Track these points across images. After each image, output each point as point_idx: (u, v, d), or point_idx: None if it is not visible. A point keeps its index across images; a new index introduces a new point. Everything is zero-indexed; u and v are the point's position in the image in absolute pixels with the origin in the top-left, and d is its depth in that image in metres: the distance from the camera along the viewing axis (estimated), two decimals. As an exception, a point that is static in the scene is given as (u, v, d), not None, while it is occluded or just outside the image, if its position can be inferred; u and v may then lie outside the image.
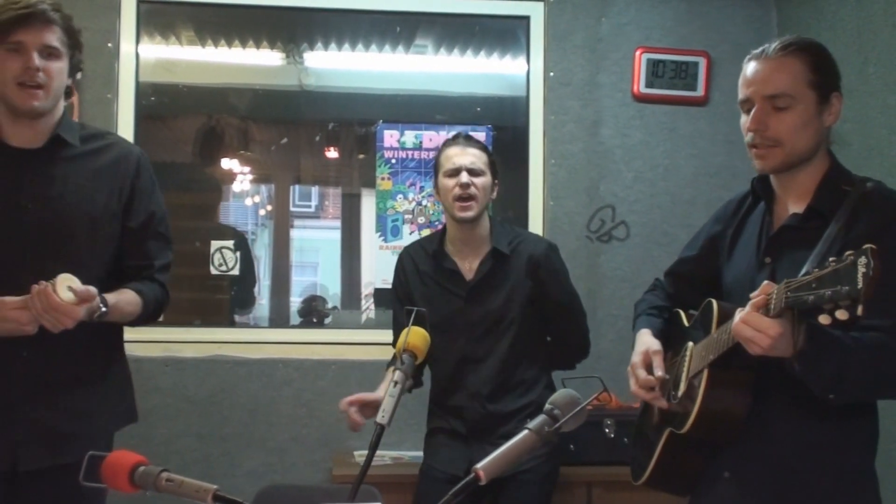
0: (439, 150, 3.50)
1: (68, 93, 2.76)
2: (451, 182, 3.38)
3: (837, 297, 1.74)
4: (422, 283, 3.50)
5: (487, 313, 3.40)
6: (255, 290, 5.50)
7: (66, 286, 2.42)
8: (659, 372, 2.41)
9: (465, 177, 3.34)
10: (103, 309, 2.56)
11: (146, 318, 2.83)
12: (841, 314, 1.75)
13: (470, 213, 3.35)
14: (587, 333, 3.55)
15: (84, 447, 1.93)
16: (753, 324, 1.98)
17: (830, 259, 1.79)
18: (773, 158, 2.25)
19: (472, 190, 3.34)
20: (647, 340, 2.52)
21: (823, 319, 1.79)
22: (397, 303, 3.57)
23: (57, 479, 2.60)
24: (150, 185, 2.86)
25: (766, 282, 2.02)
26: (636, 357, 2.48)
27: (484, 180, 3.38)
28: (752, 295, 2.02)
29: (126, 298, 2.70)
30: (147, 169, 2.86)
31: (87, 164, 2.73)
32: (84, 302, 2.45)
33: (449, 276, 3.45)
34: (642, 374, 2.44)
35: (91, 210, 2.70)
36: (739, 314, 2.03)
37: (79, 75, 2.79)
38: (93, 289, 2.48)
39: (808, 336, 1.95)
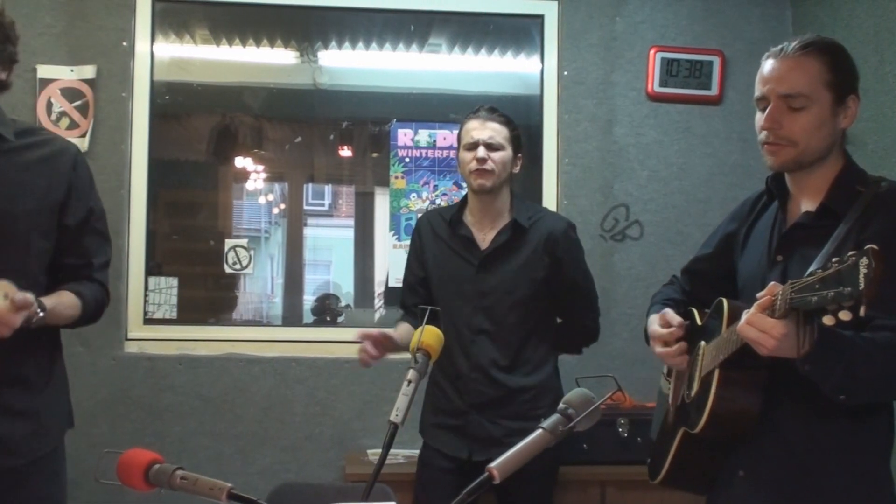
0: (461, 123, 3.51)
1: (3, 86, 2.60)
2: (468, 156, 3.39)
3: (840, 298, 1.73)
4: (436, 245, 3.51)
5: (498, 284, 3.39)
6: (269, 288, 5.51)
7: (3, 294, 2.30)
8: (675, 320, 2.47)
9: (481, 151, 3.35)
10: (41, 314, 2.45)
11: (86, 320, 2.72)
12: (844, 315, 1.74)
13: (484, 182, 3.36)
14: (598, 317, 3.57)
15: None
16: (758, 325, 1.98)
17: (833, 259, 1.79)
18: (784, 155, 2.25)
19: (489, 165, 3.34)
20: (660, 313, 2.55)
21: (827, 321, 1.78)
22: (412, 262, 3.61)
23: (4, 483, 2.52)
24: (87, 181, 2.74)
25: (772, 282, 2.02)
26: (655, 327, 2.52)
27: (502, 155, 3.37)
28: (758, 295, 2.02)
29: (65, 301, 2.61)
30: (84, 165, 2.74)
31: (21, 159, 2.61)
32: (21, 310, 2.33)
33: (463, 243, 3.46)
34: (661, 330, 2.48)
35: (26, 206, 2.58)
36: (745, 315, 2.03)
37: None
38: (30, 295, 2.36)
39: (817, 336, 1.95)
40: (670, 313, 2.51)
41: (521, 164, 3.49)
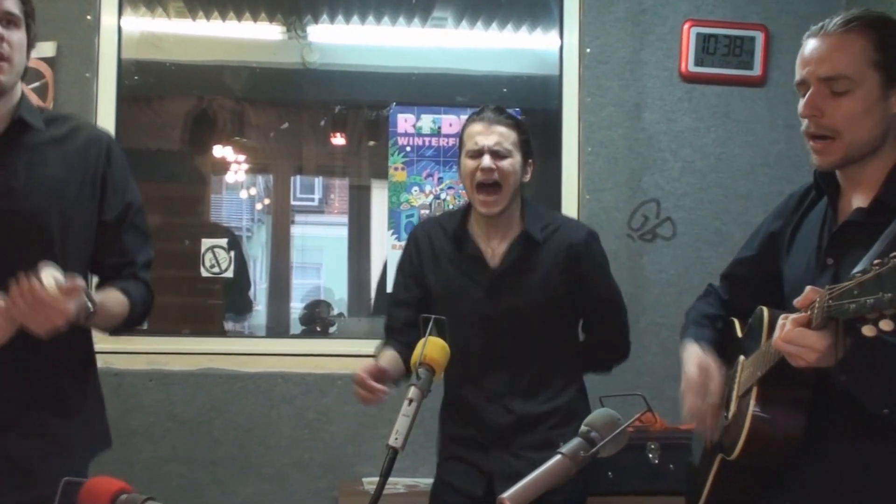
0: (464, 126, 3.44)
1: (26, 72, 2.69)
2: (472, 164, 3.31)
3: (881, 306, 1.72)
4: (437, 265, 3.44)
5: (512, 308, 3.34)
6: (251, 293, 5.52)
7: (51, 278, 2.32)
8: (712, 397, 2.42)
9: (487, 160, 3.27)
10: (91, 308, 2.49)
11: (133, 321, 2.78)
12: (885, 324, 1.72)
13: (494, 209, 3.29)
14: (628, 332, 3.54)
15: (59, 478, 1.90)
16: (797, 341, 1.98)
17: (874, 262, 1.77)
18: (831, 153, 2.24)
19: (496, 175, 3.28)
20: (697, 354, 2.52)
21: (867, 331, 1.76)
22: (405, 278, 3.51)
23: None
24: (124, 173, 2.79)
25: (808, 287, 2.02)
26: (692, 370, 2.49)
27: (511, 163, 3.30)
28: (796, 302, 2.02)
29: (113, 298, 2.66)
30: (119, 155, 2.80)
31: (54, 152, 2.67)
32: (71, 295, 2.35)
33: (470, 262, 3.40)
34: (693, 399, 2.46)
35: (62, 203, 2.64)
36: (780, 328, 2.03)
37: (32, 52, 2.72)
38: (80, 280, 2.40)
39: (851, 343, 1.94)
40: (713, 383, 2.46)
41: (532, 170, 3.44)
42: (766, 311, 2.35)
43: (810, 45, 2.27)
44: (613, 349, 3.54)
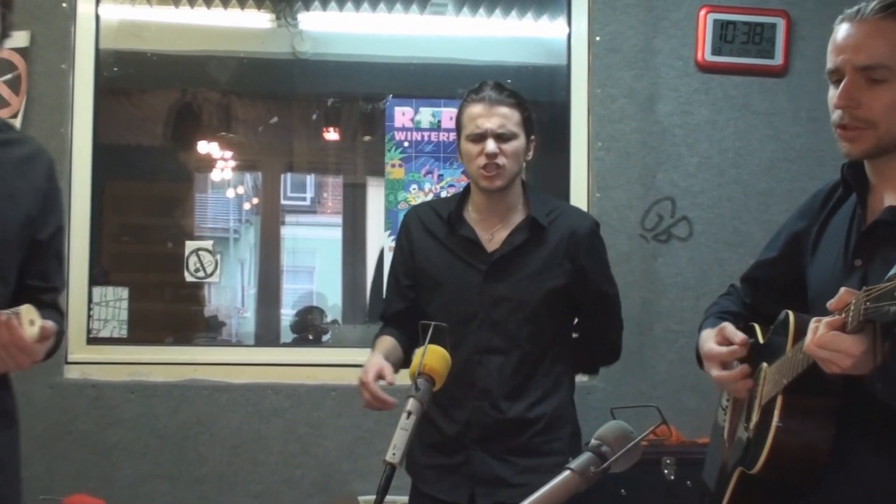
0: (461, 105, 3.45)
1: None
2: (474, 149, 3.33)
3: None
4: (430, 248, 3.47)
5: (510, 293, 3.36)
6: (239, 300, 5.52)
7: (29, 319, 2.32)
8: (737, 336, 2.46)
9: (490, 145, 3.29)
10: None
11: (47, 357, 2.69)
12: None
13: (498, 183, 3.32)
14: (621, 331, 3.59)
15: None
16: (830, 345, 1.98)
17: None
18: (863, 141, 2.24)
19: (501, 160, 3.30)
20: (714, 328, 2.54)
21: None
22: (398, 266, 3.57)
23: None
24: (60, 195, 2.78)
25: (843, 289, 2.01)
26: (709, 341, 2.51)
27: (515, 145, 3.32)
28: (829, 304, 2.02)
29: (52, 329, 2.57)
30: (57, 176, 2.79)
31: (4, 157, 2.63)
32: (44, 340, 2.37)
33: (465, 246, 3.42)
34: (719, 349, 2.49)
35: (15, 214, 2.61)
36: (813, 332, 2.02)
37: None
38: (52, 323, 2.40)
39: (888, 348, 1.94)
40: (730, 328, 2.50)
41: (535, 146, 3.47)
42: (791, 315, 2.34)
43: (844, 30, 2.26)
44: (606, 347, 3.58)
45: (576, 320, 3.55)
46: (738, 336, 2.47)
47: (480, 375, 3.35)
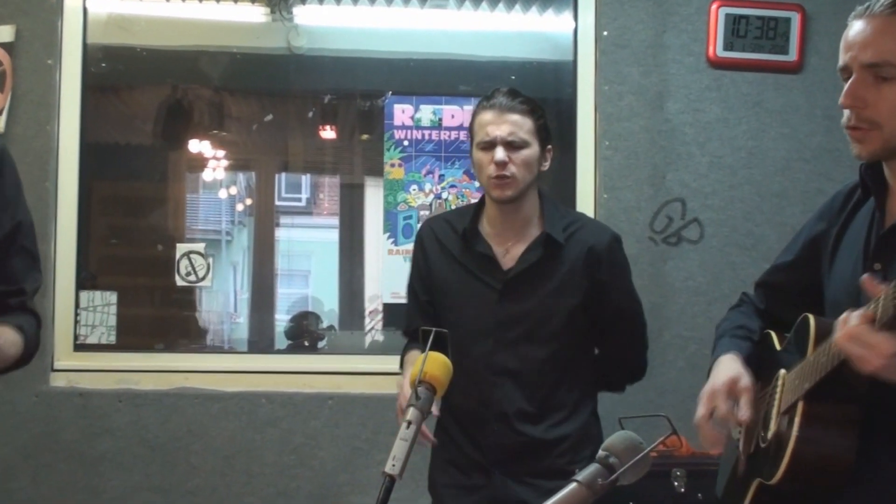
0: (473, 113, 3.45)
1: None
2: (485, 158, 3.31)
3: None
4: (445, 264, 3.46)
5: (526, 313, 3.34)
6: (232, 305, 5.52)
7: None
8: (745, 415, 2.40)
9: (500, 153, 3.27)
10: None
11: (22, 362, 2.69)
12: None
13: (508, 193, 3.29)
14: (646, 349, 3.56)
15: None
16: (861, 339, 1.97)
17: None
18: (869, 143, 2.23)
19: (511, 169, 3.27)
20: (733, 367, 2.50)
21: None
22: (410, 288, 3.58)
23: None
24: (14, 188, 2.72)
25: (865, 277, 1.99)
26: (719, 382, 2.47)
27: (527, 154, 3.30)
28: (862, 279, 1.99)
29: (10, 340, 2.58)
30: (12, 166, 2.72)
31: None
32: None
33: (481, 263, 3.40)
34: (723, 403, 2.43)
35: None
36: (843, 323, 2.00)
37: None
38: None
39: None
40: (746, 396, 2.43)
41: (552, 157, 3.45)
42: (812, 318, 2.33)
43: (855, 27, 2.26)
44: (629, 366, 3.54)
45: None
46: (745, 414, 2.43)
47: (497, 398, 3.33)
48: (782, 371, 2.41)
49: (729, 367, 2.51)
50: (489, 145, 3.30)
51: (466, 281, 3.40)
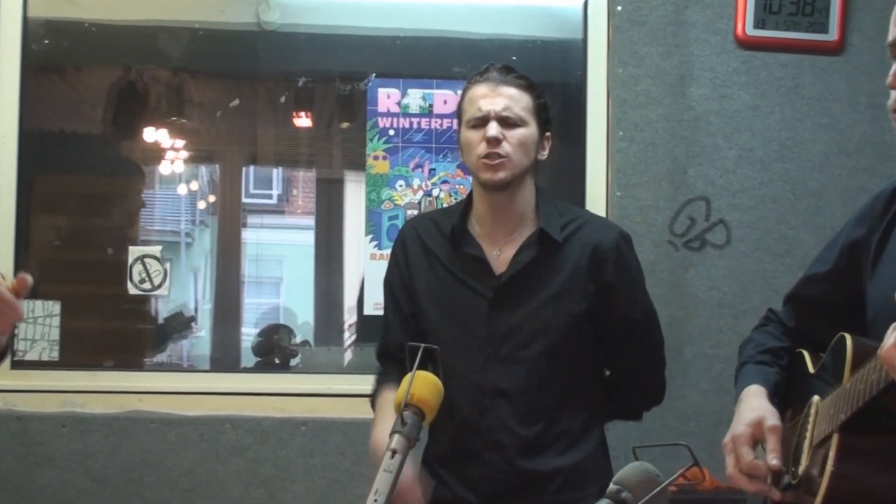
0: (463, 91, 3.39)
1: None
2: (475, 136, 3.26)
3: None
4: (429, 269, 3.40)
5: (521, 324, 3.30)
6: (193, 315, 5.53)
7: None
8: (774, 460, 2.41)
9: (493, 129, 3.21)
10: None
11: None
12: None
13: (500, 174, 3.24)
14: (664, 367, 3.51)
15: None
16: None
17: None
18: None
19: (505, 148, 3.23)
20: (758, 406, 2.51)
21: None
22: (390, 291, 3.49)
23: None
24: None
25: None
26: (741, 427, 2.47)
27: (523, 133, 3.26)
28: None
29: None
30: None
31: None
32: (21, 294, 2.34)
33: (470, 267, 3.34)
34: (747, 453, 2.44)
35: None
36: (893, 330, 1.99)
37: None
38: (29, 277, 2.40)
39: None
40: (773, 439, 2.43)
41: (551, 147, 3.43)
42: (849, 338, 2.33)
43: None
44: (644, 388, 3.50)
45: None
46: (775, 462, 2.43)
47: (489, 425, 3.28)
48: (815, 398, 2.41)
49: (752, 406, 2.52)
50: (481, 121, 3.25)
51: (454, 289, 3.35)
